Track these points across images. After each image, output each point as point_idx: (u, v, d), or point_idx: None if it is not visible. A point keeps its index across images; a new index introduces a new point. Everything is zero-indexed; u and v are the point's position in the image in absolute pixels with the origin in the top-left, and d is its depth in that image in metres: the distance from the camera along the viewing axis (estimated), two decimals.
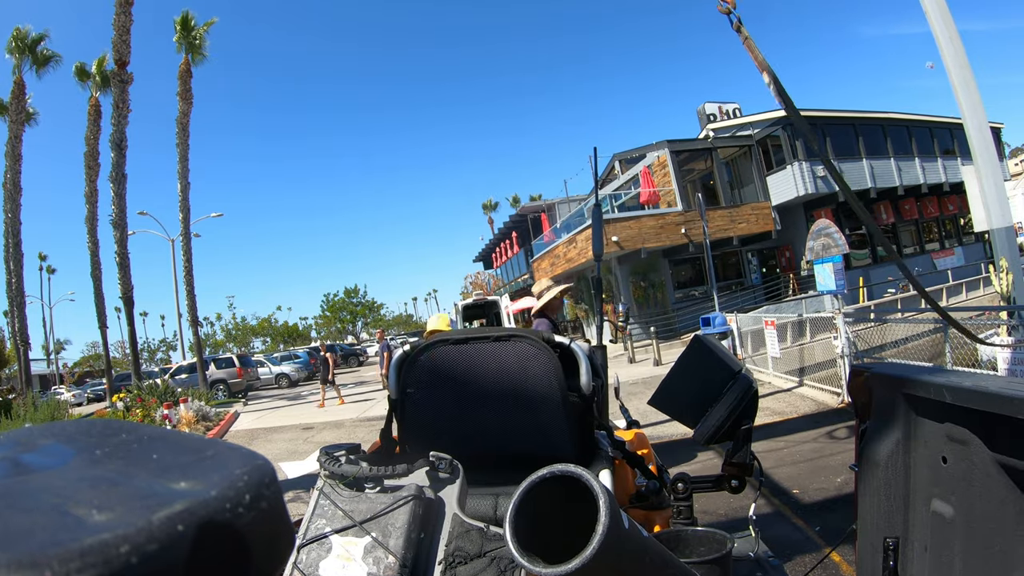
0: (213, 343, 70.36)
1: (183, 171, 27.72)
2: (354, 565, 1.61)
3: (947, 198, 28.81)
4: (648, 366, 17.27)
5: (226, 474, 0.44)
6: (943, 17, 9.88)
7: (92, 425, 0.50)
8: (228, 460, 0.46)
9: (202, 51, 28.15)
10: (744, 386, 2.06)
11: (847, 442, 7.81)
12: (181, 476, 0.42)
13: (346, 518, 1.69)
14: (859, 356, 10.00)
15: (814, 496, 6.08)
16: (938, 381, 1.71)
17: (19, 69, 27.44)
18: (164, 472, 0.43)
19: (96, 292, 26.01)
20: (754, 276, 27.46)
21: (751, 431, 2.17)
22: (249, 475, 0.44)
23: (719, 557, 1.71)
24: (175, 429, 0.64)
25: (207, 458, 0.46)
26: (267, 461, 0.48)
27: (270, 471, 0.46)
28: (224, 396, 26.44)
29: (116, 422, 0.52)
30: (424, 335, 4.34)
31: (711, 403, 2.08)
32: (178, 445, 0.49)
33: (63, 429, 0.49)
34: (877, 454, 2.00)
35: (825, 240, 11.44)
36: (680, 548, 1.80)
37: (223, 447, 0.49)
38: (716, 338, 12.86)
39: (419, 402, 2.11)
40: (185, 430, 14.07)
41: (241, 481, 0.43)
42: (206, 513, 0.39)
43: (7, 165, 27.20)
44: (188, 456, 0.46)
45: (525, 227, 39.61)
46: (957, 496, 1.71)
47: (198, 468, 0.44)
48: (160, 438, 0.50)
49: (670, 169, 25.15)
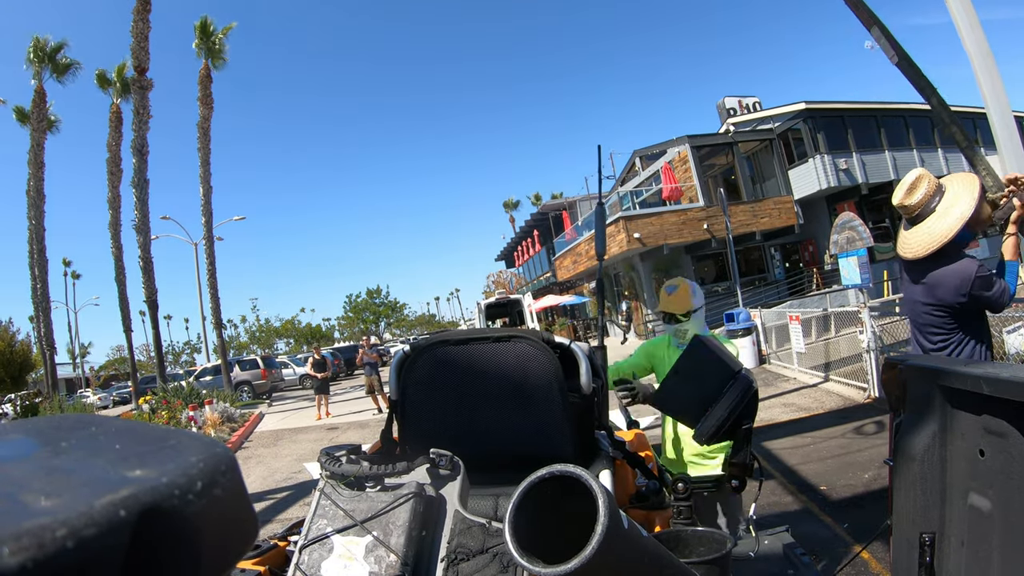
0: (236, 345, 70.91)
1: (205, 175, 28.00)
2: (356, 564, 1.62)
3: None
4: None
5: (181, 462, 0.44)
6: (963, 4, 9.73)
7: (64, 419, 0.51)
8: (186, 448, 0.47)
9: (222, 56, 28.40)
10: (744, 386, 2.04)
11: (875, 438, 7.70)
12: (138, 464, 0.43)
13: (347, 518, 1.70)
14: (885, 350, 9.85)
15: (842, 493, 5.98)
16: (975, 373, 1.67)
17: (39, 78, 27.80)
18: (122, 461, 0.43)
19: (120, 296, 26.43)
20: (777, 271, 27.23)
21: (751, 431, 2.15)
22: (205, 462, 0.45)
23: (718, 557, 1.71)
24: (144, 421, 0.61)
25: (167, 447, 0.47)
26: (226, 449, 0.48)
27: (228, 459, 0.47)
28: (249, 397, 26.60)
29: (88, 416, 0.53)
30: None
31: (711, 403, 2.06)
32: (142, 436, 0.49)
33: (34, 424, 0.50)
34: (913, 448, 1.97)
35: (850, 233, 11.29)
36: (680, 548, 1.81)
37: (184, 436, 0.49)
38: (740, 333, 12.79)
39: (419, 403, 2.12)
40: (210, 432, 14.20)
41: (195, 468, 0.43)
42: (151, 499, 0.39)
43: (30, 173, 27.60)
44: (149, 445, 0.47)
45: (547, 225, 39.58)
46: (995, 489, 1.68)
47: (155, 457, 0.44)
48: (127, 430, 0.50)
49: (691, 164, 25.03)
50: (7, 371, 16.54)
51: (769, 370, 14.11)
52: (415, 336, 40.61)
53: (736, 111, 30.12)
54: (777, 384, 12.46)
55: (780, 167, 25.96)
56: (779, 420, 9.45)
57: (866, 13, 3.17)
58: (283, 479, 10.16)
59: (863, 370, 10.39)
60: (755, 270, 27.00)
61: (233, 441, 14.40)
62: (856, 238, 11.17)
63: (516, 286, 47.76)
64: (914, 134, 26.37)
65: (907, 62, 3.14)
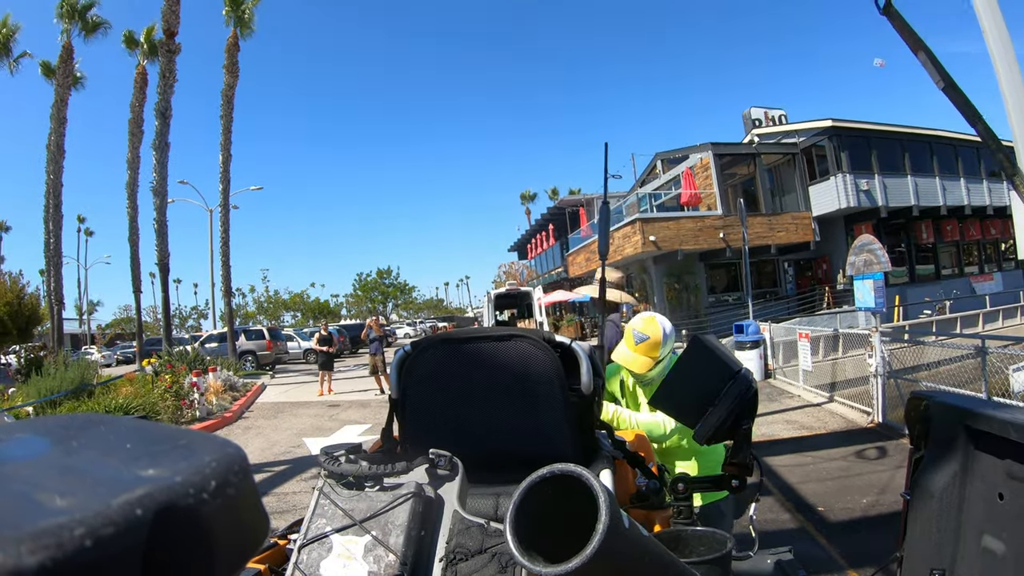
0: (244, 314, 71.25)
1: (225, 143, 28.14)
2: (355, 564, 1.63)
3: (990, 221, 28.20)
4: None
5: (194, 461, 0.44)
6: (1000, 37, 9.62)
7: (73, 419, 0.51)
8: (198, 448, 0.47)
9: (250, 25, 28.42)
10: (744, 385, 2.02)
11: (875, 463, 7.71)
12: (150, 463, 0.43)
13: (346, 517, 1.71)
14: (892, 376, 9.83)
15: (839, 516, 5.98)
16: (1003, 417, 1.68)
17: (68, 34, 27.74)
18: (134, 460, 0.44)
19: (132, 257, 26.65)
20: (789, 286, 27.22)
21: (751, 430, 2.13)
22: (218, 462, 0.45)
23: (719, 557, 1.70)
24: (154, 421, 0.65)
25: (179, 446, 0.47)
26: (238, 449, 0.48)
27: (240, 459, 0.47)
28: (252, 367, 26.77)
29: (98, 416, 0.53)
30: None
31: (711, 402, 2.04)
32: (153, 435, 0.49)
33: (43, 423, 0.50)
34: (931, 484, 1.97)
35: (868, 256, 11.24)
36: (680, 548, 1.80)
37: (196, 436, 0.49)
38: (748, 345, 12.79)
39: (420, 401, 2.11)
40: (212, 399, 14.30)
41: (208, 468, 0.44)
42: (167, 498, 0.39)
43: (52, 128, 27.55)
44: (160, 445, 0.47)
45: (563, 220, 39.68)
46: (1010, 533, 1.68)
47: (168, 456, 0.45)
48: (138, 429, 0.51)
49: (712, 172, 24.98)
50: (14, 323, 16.66)
51: (774, 385, 14.09)
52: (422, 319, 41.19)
53: (762, 122, 30.09)
54: (781, 400, 12.44)
55: (801, 182, 25.90)
56: (781, 436, 9.45)
57: (912, 37, 3.13)
58: (282, 452, 10.23)
59: (868, 393, 10.37)
60: (767, 283, 26.96)
61: (234, 410, 14.57)
62: (874, 261, 11.12)
63: (527, 278, 47.81)
64: (938, 161, 26.27)
65: (953, 88, 3.11)
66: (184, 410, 13.30)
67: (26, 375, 15.14)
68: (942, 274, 27.97)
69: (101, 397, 13.36)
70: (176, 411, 13.15)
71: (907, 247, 27.05)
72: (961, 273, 28.68)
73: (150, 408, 12.71)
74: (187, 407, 13.40)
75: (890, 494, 6.47)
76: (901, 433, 8.82)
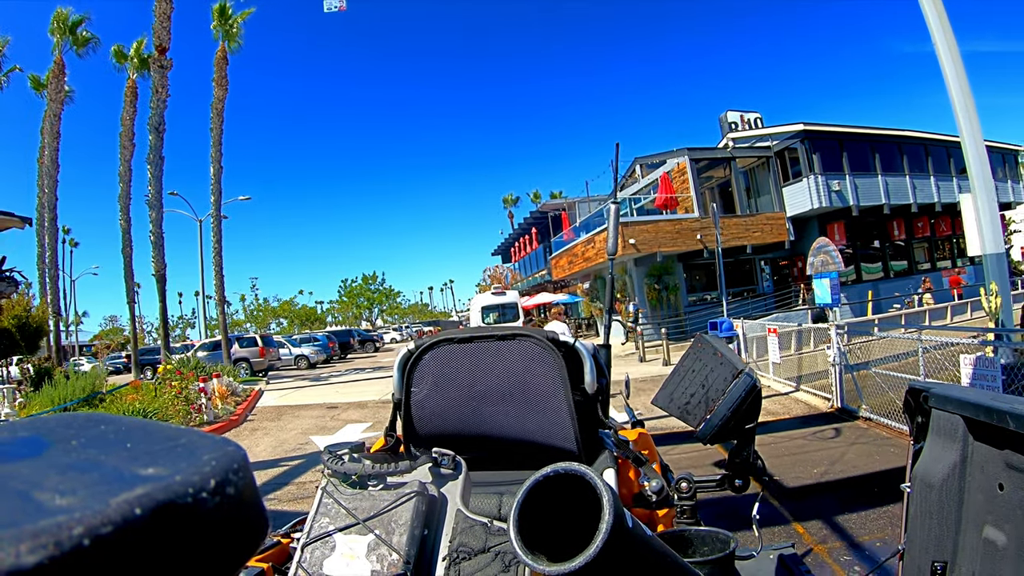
0: (232, 323, 71.41)
1: (216, 155, 28.52)
2: (358, 563, 1.65)
3: (960, 218, 28.95)
4: (657, 365, 17.99)
5: (193, 460, 0.45)
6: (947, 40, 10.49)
7: (74, 418, 0.52)
8: (198, 447, 0.47)
9: (238, 39, 28.81)
10: (747, 385, 2.06)
11: (831, 441, 8.64)
12: (150, 463, 0.44)
13: (349, 516, 1.73)
14: (848, 368, 10.74)
15: (791, 483, 6.82)
16: (1002, 407, 1.68)
17: (59, 49, 28.18)
18: (134, 460, 0.44)
19: (126, 268, 27.01)
20: (766, 284, 28.15)
21: (754, 430, 2.18)
22: (217, 461, 0.45)
23: (723, 557, 1.69)
24: (153, 420, 0.72)
25: (179, 445, 0.47)
26: (238, 447, 0.49)
27: (240, 457, 0.47)
28: (247, 374, 27.16)
29: (98, 415, 0.54)
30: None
31: (714, 402, 2.09)
32: (153, 434, 0.49)
33: (44, 423, 0.50)
34: (931, 476, 1.99)
35: (824, 257, 12.18)
36: (684, 548, 1.77)
37: (196, 435, 0.50)
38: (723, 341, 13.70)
39: (423, 401, 2.09)
40: (218, 403, 14.98)
41: (208, 466, 0.44)
42: (166, 497, 0.40)
43: (45, 142, 27.87)
44: (160, 444, 0.47)
45: (545, 224, 40.33)
46: (1012, 524, 1.69)
47: (168, 455, 0.45)
48: (138, 428, 0.51)
49: (689, 176, 25.83)
50: (23, 335, 17.17)
51: None
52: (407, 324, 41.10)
53: (738, 125, 30.83)
54: None
55: (775, 184, 26.82)
56: (756, 423, 10.19)
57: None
58: (292, 449, 10.97)
59: (829, 383, 11.30)
60: (745, 282, 27.84)
61: (239, 413, 15.25)
62: (829, 262, 12.05)
63: (512, 282, 48.40)
64: (908, 161, 27.25)
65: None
66: (193, 414, 13.96)
67: (36, 385, 15.80)
68: (917, 269, 28.96)
69: (113, 404, 14.08)
70: (187, 415, 13.79)
71: (880, 244, 28.12)
72: (935, 268, 29.67)
73: (163, 413, 13.39)
74: (196, 411, 14.06)
75: (840, 465, 7.38)
76: (856, 416, 9.83)
